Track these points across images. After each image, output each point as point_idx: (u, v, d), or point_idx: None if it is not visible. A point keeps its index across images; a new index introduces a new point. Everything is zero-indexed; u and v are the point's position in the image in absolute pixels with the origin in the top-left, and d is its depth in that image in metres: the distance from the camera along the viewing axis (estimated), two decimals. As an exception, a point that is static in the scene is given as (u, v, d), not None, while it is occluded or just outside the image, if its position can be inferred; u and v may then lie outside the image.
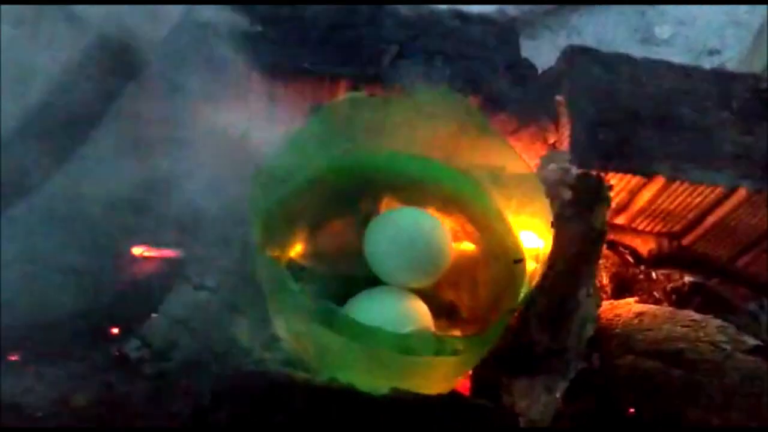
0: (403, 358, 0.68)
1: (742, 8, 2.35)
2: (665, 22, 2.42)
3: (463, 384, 0.85)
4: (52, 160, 0.94)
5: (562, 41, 2.34)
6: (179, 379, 0.74)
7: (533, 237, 0.79)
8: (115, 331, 0.88)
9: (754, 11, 2.21)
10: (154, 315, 0.83)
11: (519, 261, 0.77)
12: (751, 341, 0.76)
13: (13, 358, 0.81)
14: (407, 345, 0.66)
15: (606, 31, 2.38)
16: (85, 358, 0.79)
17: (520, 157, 0.77)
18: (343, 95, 0.75)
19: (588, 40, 2.33)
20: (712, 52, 2.32)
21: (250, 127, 0.90)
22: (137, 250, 0.92)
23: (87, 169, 0.95)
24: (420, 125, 0.79)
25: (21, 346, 0.81)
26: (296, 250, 0.86)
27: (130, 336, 0.81)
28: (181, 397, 0.70)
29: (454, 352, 0.68)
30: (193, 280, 0.85)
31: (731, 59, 2.18)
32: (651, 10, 2.44)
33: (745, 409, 0.73)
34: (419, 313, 0.81)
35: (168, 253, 0.92)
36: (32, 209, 0.89)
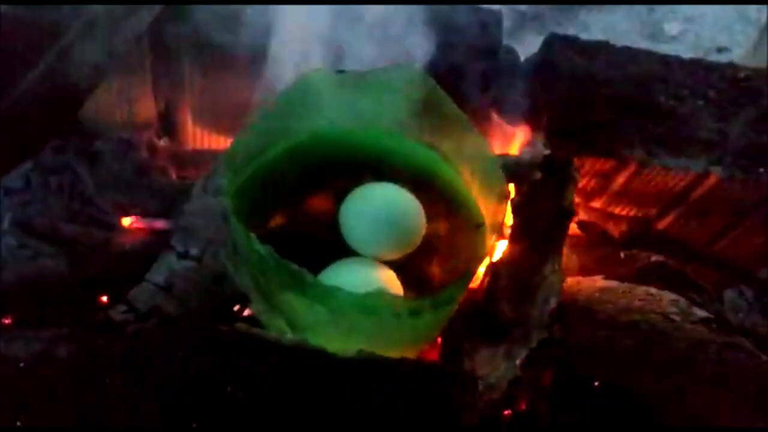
0: (367, 320, 0.72)
1: (752, 5, 2.35)
2: (674, 19, 2.43)
3: (432, 352, 0.89)
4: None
5: (571, 37, 2.37)
6: (156, 337, 0.79)
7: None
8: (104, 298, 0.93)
9: (764, 8, 2.21)
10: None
11: (480, 225, 0.81)
12: (701, 313, 0.79)
13: (6, 321, 0.86)
14: (367, 305, 0.69)
15: (614, 27, 2.40)
16: (73, 321, 0.83)
17: (481, 136, 0.81)
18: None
19: (596, 36, 2.35)
20: (720, 50, 2.33)
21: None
22: (126, 221, 0.97)
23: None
24: (384, 102, 0.82)
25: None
26: (276, 220, 0.90)
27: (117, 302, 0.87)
28: (156, 351, 0.75)
29: (414, 313, 0.71)
30: (177, 249, 0.91)
31: (740, 56, 2.18)
32: (660, 8, 2.45)
33: (691, 375, 0.76)
34: (390, 283, 0.85)
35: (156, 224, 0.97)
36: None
